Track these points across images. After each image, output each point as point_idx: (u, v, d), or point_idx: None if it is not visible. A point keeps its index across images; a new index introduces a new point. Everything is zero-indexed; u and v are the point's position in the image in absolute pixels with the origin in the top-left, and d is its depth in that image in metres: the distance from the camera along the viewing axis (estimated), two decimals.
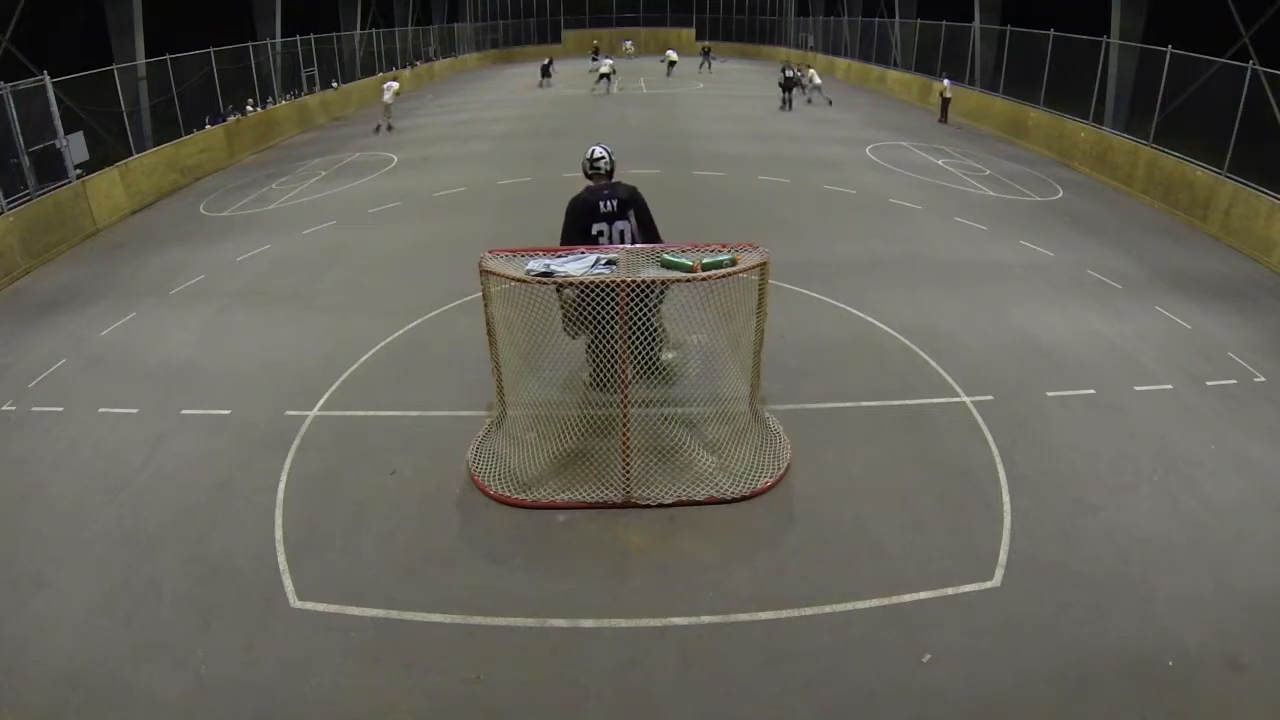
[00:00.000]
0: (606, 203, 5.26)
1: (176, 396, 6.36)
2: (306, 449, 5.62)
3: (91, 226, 11.29)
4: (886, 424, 5.79)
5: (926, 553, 4.50)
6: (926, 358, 6.72)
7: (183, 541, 4.72)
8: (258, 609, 4.20)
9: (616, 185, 5.40)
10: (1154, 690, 3.64)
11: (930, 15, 22.84)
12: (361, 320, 7.64)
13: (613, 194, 5.31)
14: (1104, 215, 11.41)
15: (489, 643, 3.97)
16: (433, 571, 4.44)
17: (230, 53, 17.06)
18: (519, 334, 5.21)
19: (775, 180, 12.95)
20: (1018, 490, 5.04)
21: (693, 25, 42.50)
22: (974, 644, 3.89)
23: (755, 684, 3.71)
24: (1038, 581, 4.29)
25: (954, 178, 13.47)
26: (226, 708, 3.62)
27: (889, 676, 3.72)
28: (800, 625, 4.03)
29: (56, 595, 4.32)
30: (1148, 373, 6.55)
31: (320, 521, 4.87)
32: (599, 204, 5.26)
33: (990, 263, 9.17)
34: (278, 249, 10.07)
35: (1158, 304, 7.96)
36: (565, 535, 4.71)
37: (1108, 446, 5.53)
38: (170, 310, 8.21)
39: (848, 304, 7.78)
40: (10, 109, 10.05)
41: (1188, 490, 5.07)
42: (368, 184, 13.52)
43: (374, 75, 25.37)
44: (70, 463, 5.55)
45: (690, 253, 4.92)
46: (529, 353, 5.33)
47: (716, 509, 4.87)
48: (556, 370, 5.76)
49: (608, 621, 4.07)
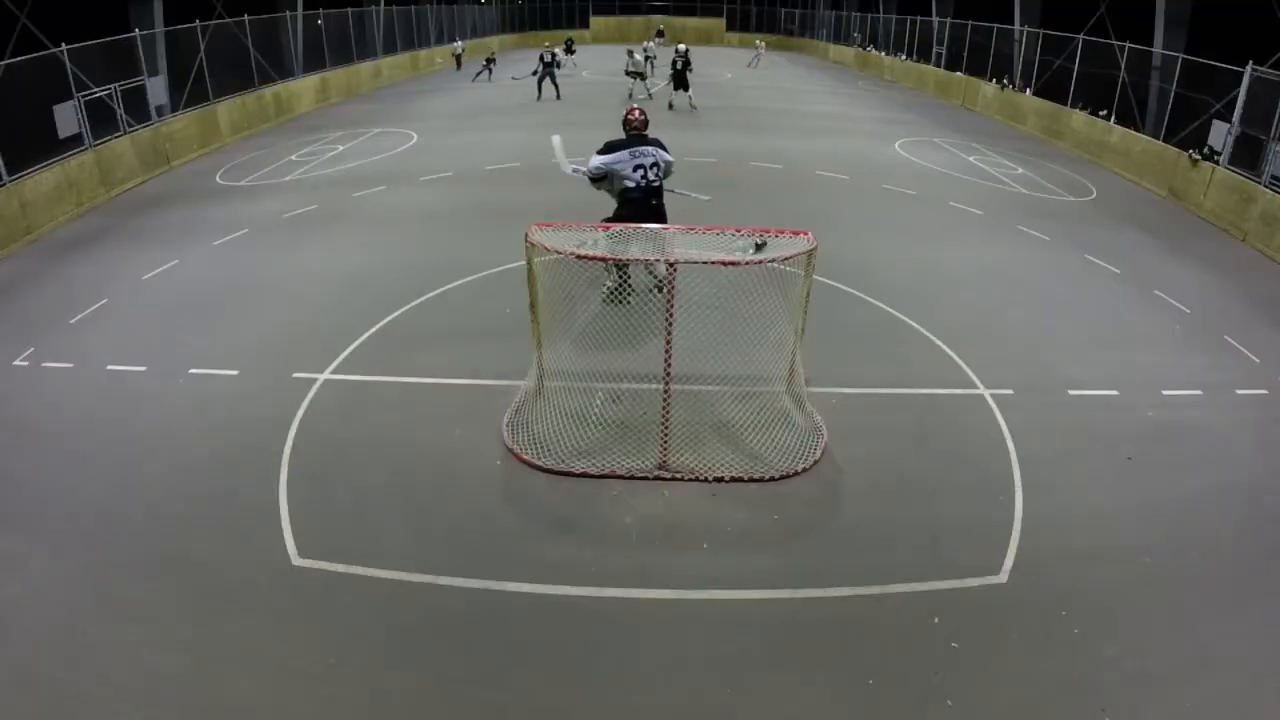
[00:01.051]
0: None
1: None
2: (347, 408, 5.72)
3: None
4: (918, 412, 5.78)
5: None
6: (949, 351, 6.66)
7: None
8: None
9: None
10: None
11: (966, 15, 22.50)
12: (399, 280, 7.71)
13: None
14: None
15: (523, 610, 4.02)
16: (460, 539, 4.48)
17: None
18: (560, 304, 5.42)
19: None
20: (1029, 484, 5.02)
21: (722, 15, 42.09)
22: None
23: (763, 661, 3.73)
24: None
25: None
26: (225, 669, 3.62)
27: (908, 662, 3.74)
28: (825, 605, 4.06)
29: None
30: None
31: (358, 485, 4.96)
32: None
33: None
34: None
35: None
36: (598, 504, 4.76)
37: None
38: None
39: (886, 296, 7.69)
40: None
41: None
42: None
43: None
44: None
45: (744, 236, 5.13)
46: (569, 324, 5.55)
47: (748, 487, 4.91)
48: (595, 344, 5.80)
49: (626, 591, 4.12)
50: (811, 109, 20.12)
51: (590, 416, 5.42)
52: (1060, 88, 16.96)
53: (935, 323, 7.12)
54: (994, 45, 20.72)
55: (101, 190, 11.08)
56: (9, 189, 9.31)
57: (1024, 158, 14.91)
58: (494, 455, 5.18)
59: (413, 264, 8.34)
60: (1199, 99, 12.46)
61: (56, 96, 10.66)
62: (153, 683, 3.52)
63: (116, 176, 11.50)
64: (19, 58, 10.18)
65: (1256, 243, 10.20)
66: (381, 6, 24.79)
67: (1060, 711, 3.49)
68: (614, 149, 6.67)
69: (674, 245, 5.05)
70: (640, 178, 6.59)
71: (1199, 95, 12.46)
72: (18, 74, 9.87)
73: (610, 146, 6.70)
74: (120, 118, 12.05)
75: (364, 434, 5.39)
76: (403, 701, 3.47)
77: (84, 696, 3.45)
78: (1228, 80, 11.60)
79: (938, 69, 24.31)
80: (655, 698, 3.53)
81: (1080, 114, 15.90)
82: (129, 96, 12.28)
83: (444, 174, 12.32)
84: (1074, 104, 16.30)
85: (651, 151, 6.70)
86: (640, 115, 6.94)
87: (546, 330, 5.47)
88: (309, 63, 20.18)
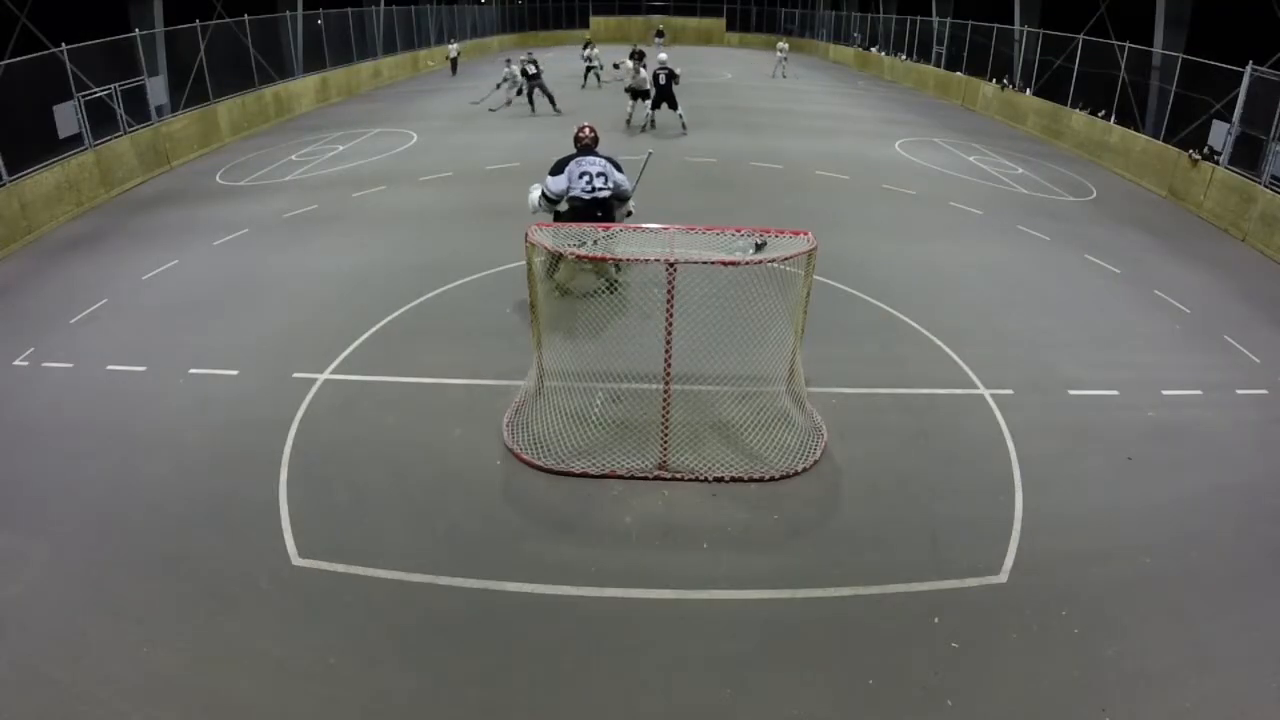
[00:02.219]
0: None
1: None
2: (350, 405, 5.72)
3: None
4: (918, 412, 5.78)
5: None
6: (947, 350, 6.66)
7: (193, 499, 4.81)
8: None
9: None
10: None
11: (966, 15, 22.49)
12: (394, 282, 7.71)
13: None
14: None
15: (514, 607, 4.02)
16: (460, 539, 4.48)
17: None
18: (559, 304, 5.54)
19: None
20: (1029, 484, 5.02)
21: (723, 15, 42.07)
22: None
23: (763, 661, 3.73)
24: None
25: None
26: (223, 666, 3.63)
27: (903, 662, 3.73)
28: (825, 605, 4.07)
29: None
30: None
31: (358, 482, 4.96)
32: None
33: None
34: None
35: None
36: (598, 504, 4.76)
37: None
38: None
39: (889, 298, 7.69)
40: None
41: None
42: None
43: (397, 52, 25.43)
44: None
45: (744, 236, 5.14)
46: (568, 324, 5.57)
47: (748, 487, 4.91)
48: (594, 344, 5.81)
49: (626, 591, 4.12)
50: (811, 109, 20.10)
51: (590, 416, 5.42)
52: (1060, 88, 16.96)
53: (935, 323, 7.12)
54: (994, 45, 20.71)
55: (101, 190, 11.08)
56: (9, 189, 9.31)
57: (1024, 158, 14.91)
58: (494, 455, 5.18)
59: (412, 264, 8.34)
60: (1199, 99, 12.46)
61: (56, 96, 10.65)
62: (153, 683, 3.52)
63: (116, 176, 11.50)
64: (19, 58, 10.18)
65: (1256, 243, 10.20)
66: (381, 6, 24.79)
67: (1060, 711, 3.49)
68: (563, 165, 6.73)
69: (674, 245, 5.05)
70: (586, 184, 6.62)
71: (1199, 95, 12.46)
72: (18, 74, 9.87)
73: (559, 165, 6.76)
74: (120, 118, 12.05)
75: (364, 434, 5.39)
76: (403, 701, 3.47)
77: (84, 696, 3.45)
78: (1228, 80, 11.60)
79: (938, 69, 24.30)
80: (655, 698, 3.53)
81: (1080, 114, 15.90)
82: (129, 96, 12.28)
83: (444, 174, 12.31)
84: (1074, 104, 16.30)
85: (600, 162, 6.73)
86: (591, 133, 6.98)
87: (546, 330, 5.46)
88: (309, 63, 20.17)
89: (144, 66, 12.80)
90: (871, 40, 31.13)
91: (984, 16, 21.26)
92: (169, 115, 13.75)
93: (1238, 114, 11.27)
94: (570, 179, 6.63)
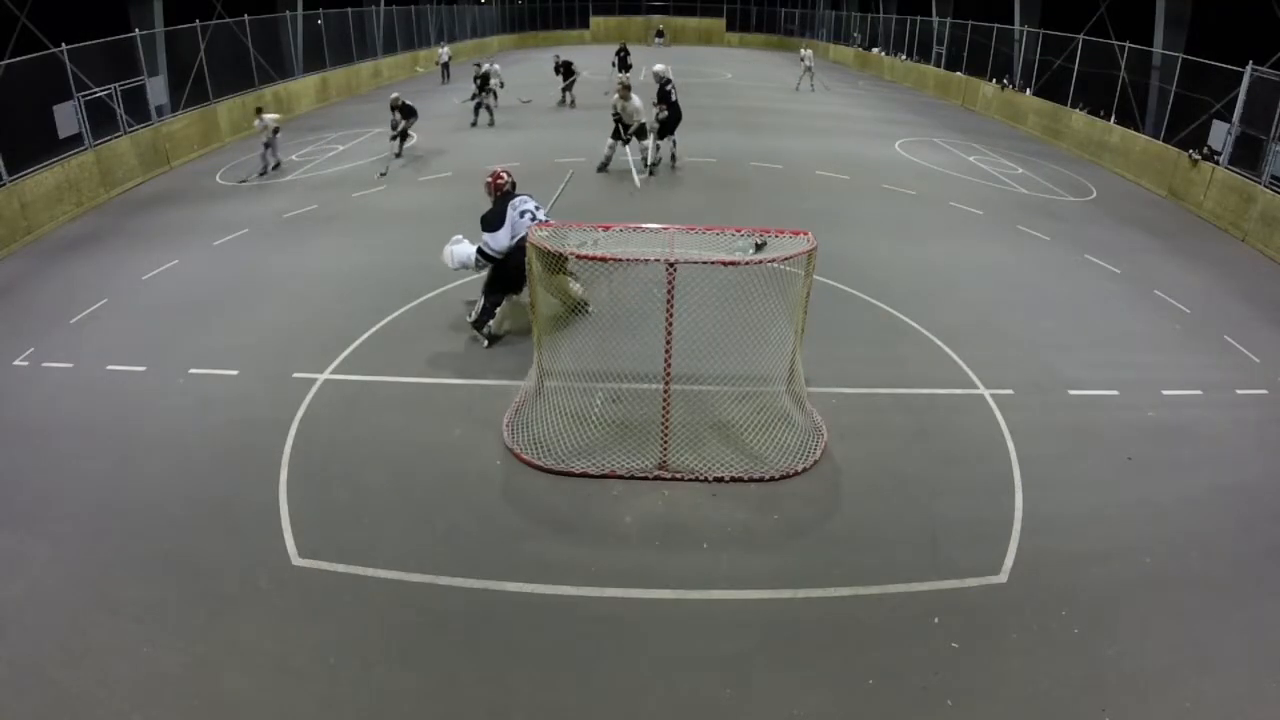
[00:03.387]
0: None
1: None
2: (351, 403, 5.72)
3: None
4: (918, 412, 5.78)
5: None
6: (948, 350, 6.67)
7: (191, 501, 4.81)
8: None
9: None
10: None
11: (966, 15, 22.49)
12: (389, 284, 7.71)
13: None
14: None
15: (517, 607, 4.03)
16: (460, 539, 4.48)
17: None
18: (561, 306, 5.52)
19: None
20: (1029, 484, 5.02)
21: (723, 15, 42.05)
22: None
23: (763, 661, 3.74)
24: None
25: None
26: (223, 666, 3.63)
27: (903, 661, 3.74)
28: (825, 605, 4.07)
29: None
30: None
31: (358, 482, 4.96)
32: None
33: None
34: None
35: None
36: (598, 504, 4.76)
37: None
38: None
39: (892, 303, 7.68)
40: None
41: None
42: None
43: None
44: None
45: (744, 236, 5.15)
46: (569, 325, 5.59)
47: (748, 487, 4.91)
48: (594, 344, 5.85)
49: (626, 591, 4.12)
50: (811, 109, 20.10)
51: (590, 416, 5.42)
52: (1060, 88, 16.96)
53: (935, 322, 7.12)
54: (994, 45, 20.71)
55: (101, 190, 11.08)
56: (9, 189, 9.31)
57: (1024, 158, 14.91)
58: (494, 455, 5.17)
59: (412, 264, 8.33)
60: (1199, 99, 12.46)
61: (56, 96, 10.66)
62: (153, 683, 3.52)
63: (116, 176, 11.50)
64: (19, 58, 10.18)
65: (1256, 243, 10.20)
66: (381, 6, 24.79)
67: (1060, 711, 3.49)
68: (500, 216, 6.37)
69: (674, 245, 5.06)
70: (530, 220, 6.32)
71: (1199, 95, 12.46)
72: (18, 74, 9.87)
73: (497, 217, 6.38)
74: (120, 118, 12.05)
75: (364, 434, 5.39)
76: (403, 701, 3.47)
77: (84, 696, 3.45)
78: (1228, 80, 11.60)
79: (938, 69, 24.30)
80: (655, 698, 3.53)
81: (1080, 114, 15.90)
82: (129, 96, 12.28)
83: (444, 174, 12.31)
84: (1074, 104, 16.29)
85: (527, 197, 6.57)
86: (509, 177, 6.76)
87: (546, 330, 5.47)
88: (309, 63, 20.17)
89: (144, 66, 12.80)
90: (872, 40, 31.13)
91: (984, 16, 21.25)
92: (169, 115, 13.76)
93: (1238, 114, 11.27)
94: (513, 226, 6.32)
